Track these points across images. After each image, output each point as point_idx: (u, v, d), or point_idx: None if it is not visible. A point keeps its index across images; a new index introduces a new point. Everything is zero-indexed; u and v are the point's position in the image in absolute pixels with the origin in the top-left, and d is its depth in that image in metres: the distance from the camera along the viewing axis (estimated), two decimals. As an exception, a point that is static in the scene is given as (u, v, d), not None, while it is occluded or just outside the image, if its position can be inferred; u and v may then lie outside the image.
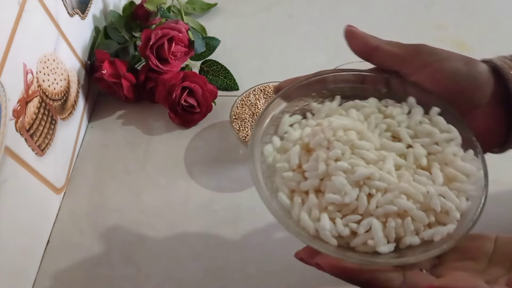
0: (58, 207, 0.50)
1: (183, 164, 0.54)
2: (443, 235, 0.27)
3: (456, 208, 0.28)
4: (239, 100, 0.54)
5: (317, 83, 0.34)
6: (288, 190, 0.30)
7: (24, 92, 0.42)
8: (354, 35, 0.35)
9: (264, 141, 0.32)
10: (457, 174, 0.29)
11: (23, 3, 0.42)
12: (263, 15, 0.71)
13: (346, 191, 0.28)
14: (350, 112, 0.32)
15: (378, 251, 0.27)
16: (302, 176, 0.30)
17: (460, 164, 0.29)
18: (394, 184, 0.28)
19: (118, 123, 0.58)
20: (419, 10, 0.70)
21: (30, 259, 0.45)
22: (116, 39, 0.59)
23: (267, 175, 0.31)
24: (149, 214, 0.49)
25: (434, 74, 0.31)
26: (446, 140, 0.30)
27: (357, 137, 0.30)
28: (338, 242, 0.28)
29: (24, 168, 0.42)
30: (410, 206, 0.27)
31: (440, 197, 0.28)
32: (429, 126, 0.31)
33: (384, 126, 0.32)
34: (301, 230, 0.29)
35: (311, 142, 0.30)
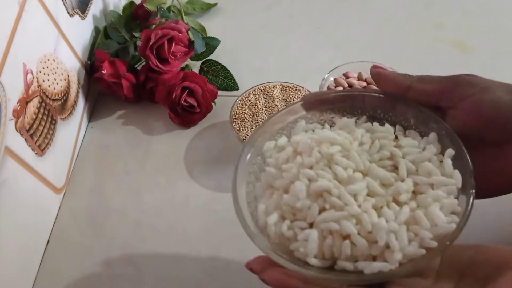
0: (58, 207, 0.50)
1: (183, 164, 0.54)
2: (374, 270, 0.26)
3: (401, 250, 0.27)
4: (239, 100, 0.54)
5: (345, 98, 0.35)
6: (266, 183, 0.32)
7: (24, 92, 0.42)
8: (383, 77, 0.33)
9: (271, 138, 0.34)
10: (422, 218, 0.27)
11: (23, 3, 0.42)
12: (263, 15, 0.71)
13: (301, 197, 0.28)
14: (355, 131, 0.32)
15: (307, 261, 0.28)
16: (281, 175, 0.31)
17: (433, 210, 0.28)
18: (350, 205, 0.28)
19: (118, 123, 0.58)
20: (419, 10, 0.70)
21: (30, 259, 0.45)
22: (116, 39, 0.59)
23: (261, 168, 0.33)
24: (149, 214, 0.49)
25: (474, 106, 0.30)
26: (441, 184, 0.29)
27: (340, 154, 0.30)
28: (283, 243, 0.29)
29: (24, 168, 0.42)
30: (352, 231, 0.27)
31: (391, 233, 0.27)
32: (431, 166, 0.30)
33: (387, 154, 0.31)
34: (253, 221, 0.30)
35: (299, 147, 0.31)
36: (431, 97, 0.32)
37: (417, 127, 0.33)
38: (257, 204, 0.32)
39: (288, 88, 0.55)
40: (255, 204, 0.32)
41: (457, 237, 0.27)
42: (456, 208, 0.28)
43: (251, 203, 0.32)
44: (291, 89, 0.54)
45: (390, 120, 0.34)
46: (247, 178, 0.33)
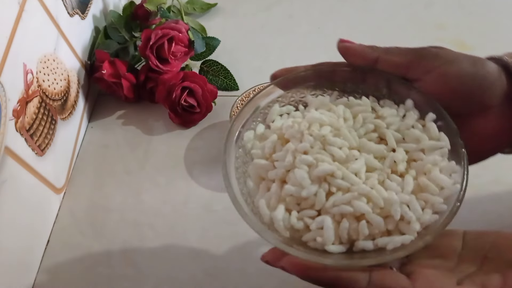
0: (58, 207, 0.50)
1: (183, 164, 0.54)
2: (397, 245, 0.26)
3: (418, 220, 0.27)
4: (239, 100, 0.54)
5: (315, 76, 0.34)
6: (257, 176, 0.31)
7: (24, 92, 0.42)
8: (350, 51, 0.34)
9: (248, 127, 0.33)
10: (429, 184, 0.28)
11: (23, 3, 0.42)
12: (263, 15, 0.71)
13: (305, 185, 0.27)
14: (337, 108, 0.32)
15: (327, 249, 0.27)
16: (272, 165, 0.30)
17: (436, 175, 0.28)
18: (356, 185, 0.27)
19: (118, 123, 0.58)
20: (419, 10, 0.70)
21: (30, 259, 0.45)
22: (116, 39, 0.59)
23: (245, 161, 0.32)
24: (149, 214, 0.49)
25: (440, 78, 0.30)
26: (433, 148, 0.29)
27: (331, 134, 0.29)
28: (293, 236, 0.28)
29: (24, 168, 0.42)
30: (367, 210, 0.27)
31: (403, 205, 0.27)
32: (418, 132, 0.30)
33: (371, 126, 0.31)
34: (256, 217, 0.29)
35: (286, 133, 0.30)
36: (398, 69, 0.32)
37: (390, 96, 0.33)
38: (253, 201, 0.30)
39: (288, 88, 0.55)
40: (252, 201, 0.30)
41: (464, 196, 0.27)
42: (454, 168, 0.28)
43: (247, 201, 0.30)
44: (291, 89, 0.54)
45: (361, 92, 0.33)
46: (236, 174, 0.31)
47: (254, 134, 0.32)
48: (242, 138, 0.32)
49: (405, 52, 0.32)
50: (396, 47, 0.33)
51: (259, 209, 0.29)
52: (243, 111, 0.33)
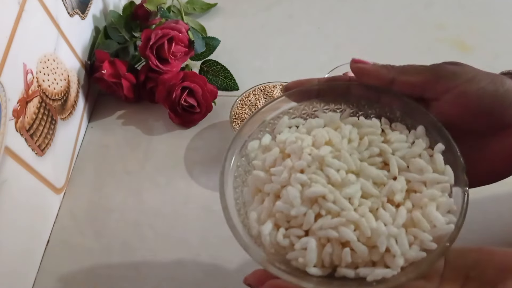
0: (58, 207, 0.50)
1: (183, 164, 0.54)
2: (377, 277, 0.26)
3: (404, 255, 0.26)
4: (239, 100, 0.54)
5: (329, 91, 0.33)
6: (254, 187, 0.30)
7: (24, 92, 0.42)
8: (364, 72, 0.33)
9: (254, 136, 0.33)
10: (421, 220, 0.27)
11: (23, 3, 0.42)
12: (263, 15, 0.71)
13: (295, 204, 0.27)
14: (344, 128, 0.31)
15: (307, 271, 0.27)
16: (270, 178, 0.30)
17: (431, 211, 0.27)
18: (346, 210, 0.27)
19: (118, 123, 0.58)
20: (419, 10, 0.70)
21: (30, 259, 0.45)
22: (116, 39, 0.59)
23: (246, 170, 0.32)
24: (149, 214, 0.49)
25: (459, 98, 0.30)
26: (434, 182, 0.28)
27: (331, 155, 0.29)
28: (278, 252, 0.28)
29: (24, 168, 0.42)
30: (352, 238, 0.26)
31: (391, 238, 0.26)
32: (423, 162, 0.29)
33: (376, 150, 0.30)
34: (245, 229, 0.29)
35: (287, 148, 0.30)
36: (415, 89, 0.31)
37: (403, 120, 0.32)
38: (247, 211, 0.30)
39: (288, 88, 0.55)
40: (245, 211, 0.30)
41: (456, 237, 0.26)
42: (452, 207, 0.27)
43: (240, 211, 0.30)
44: (291, 89, 0.54)
45: (375, 112, 0.33)
46: (234, 183, 0.31)
47: (259, 144, 0.32)
48: (246, 147, 0.32)
49: (421, 70, 0.31)
50: (412, 66, 0.32)
51: (249, 221, 0.29)
52: (251, 120, 0.33)
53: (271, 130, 0.33)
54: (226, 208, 0.29)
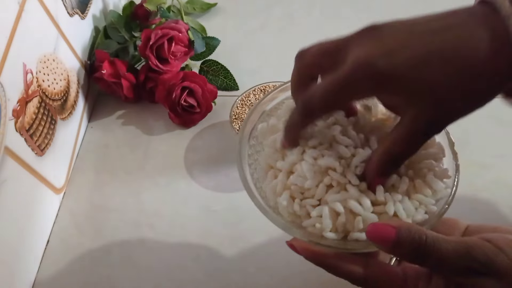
0: (58, 207, 0.50)
1: (183, 164, 0.54)
2: None
3: (411, 218, 0.29)
4: (239, 100, 0.54)
5: None
6: (266, 164, 0.33)
7: (24, 92, 0.42)
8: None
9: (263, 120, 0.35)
10: (424, 186, 0.30)
11: (23, 3, 0.42)
12: (263, 15, 0.71)
13: (308, 177, 0.30)
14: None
15: (324, 235, 0.29)
16: (282, 156, 0.32)
17: (431, 178, 0.30)
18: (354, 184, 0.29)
19: (118, 123, 0.58)
20: (419, 10, 0.70)
21: (30, 259, 0.45)
22: (116, 39, 0.59)
23: (258, 150, 0.34)
24: (149, 214, 0.49)
25: None
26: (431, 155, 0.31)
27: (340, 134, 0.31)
28: (295, 220, 0.31)
29: (24, 168, 0.42)
30: (360, 211, 0.29)
31: (397, 203, 0.29)
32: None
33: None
34: (264, 201, 0.32)
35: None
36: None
37: None
38: (262, 186, 0.33)
39: (288, 88, 0.55)
40: (261, 186, 0.33)
41: (452, 200, 0.30)
42: (447, 174, 0.31)
43: (256, 185, 0.33)
44: (291, 89, 0.54)
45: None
46: (248, 161, 0.34)
47: (267, 126, 0.34)
48: (256, 128, 0.35)
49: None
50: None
51: (266, 194, 0.32)
52: (261, 103, 0.36)
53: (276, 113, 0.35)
54: (245, 180, 0.32)
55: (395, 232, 0.26)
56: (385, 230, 0.26)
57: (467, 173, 0.50)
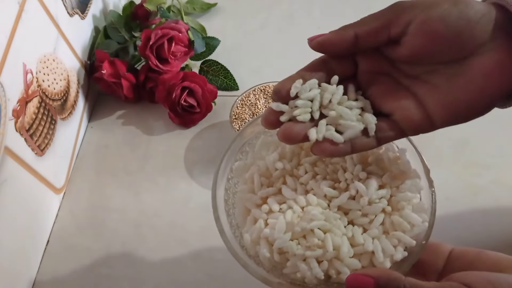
0: (58, 207, 0.50)
1: (183, 164, 0.54)
2: None
3: (388, 257, 0.29)
4: (239, 100, 0.54)
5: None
6: (244, 209, 0.33)
7: (24, 92, 0.42)
8: (327, 44, 0.33)
9: (237, 158, 0.35)
10: (402, 222, 0.29)
11: (23, 3, 0.42)
12: (263, 15, 0.71)
13: (277, 236, 0.29)
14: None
15: (306, 281, 0.29)
16: (258, 198, 0.32)
17: (408, 213, 0.30)
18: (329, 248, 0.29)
19: (118, 123, 0.58)
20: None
21: (30, 259, 0.45)
22: (116, 39, 0.59)
23: (234, 191, 0.34)
24: (149, 214, 0.49)
25: (423, 26, 0.28)
26: (409, 187, 0.31)
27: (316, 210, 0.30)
28: (276, 267, 0.31)
29: (24, 168, 0.42)
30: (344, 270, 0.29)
31: (376, 242, 0.29)
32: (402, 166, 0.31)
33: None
34: (243, 250, 0.32)
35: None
36: (379, 34, 0.30)
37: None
38: (241, 232, 0.32)
39: (288, 88, 0.55)
40: (240, 232, 0.33)
41: (430, 234, 0.29)
42: (424, 206, 0.30)
43: (235, 233, 0.33)
44: (291, 89, 0.54)
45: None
46: (225, 207, 0.34)
47: (244, 165, 0.34)
48: (231, 169, 0.34)
49: (379, 15, 0.30)
50: (369, 15, 0.31)
51: (245, 242, 0.31)
52: (235, 142, 0.35)
53: (252, 149, 0.35)
54: (223, 231, 0.32)
55: (373, 282, 0.26)
56: (363, 281, 0.26)
57: (467, 173, 0.50)
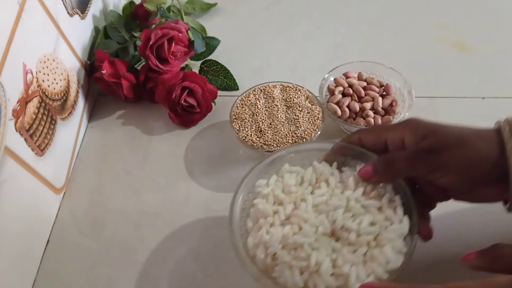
0: (58, 207, 0.50)
1: (183, 164, 0.54)
2: None
3: (359, 282, 0.35)
4: (239, 100, 0.54)
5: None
6: (255, 218, 0.40)
7: (24, 92, 0.42)
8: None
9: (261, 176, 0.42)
10: (378, 256, 0.35)
11: (23, 3, 0.42)
12: (263, 15, 0.71)
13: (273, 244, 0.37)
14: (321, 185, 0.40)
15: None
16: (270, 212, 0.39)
17: (386, 251, 0.35)
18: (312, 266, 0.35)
19: (118, 123, 0.58)
20: (419, 10, 0.70)
21: (30, 259, 0.45)
22: (116, 39, 0.59)
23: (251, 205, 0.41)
24: (149, 214, 0.49)
25: (464, 169, 0.35)
26: (395, 231, 0.36)
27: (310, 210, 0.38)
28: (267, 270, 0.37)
29: (24, 168, 0.42)
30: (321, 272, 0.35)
31: (354, 267, 0.35)
32: (391, 212, 0.37)
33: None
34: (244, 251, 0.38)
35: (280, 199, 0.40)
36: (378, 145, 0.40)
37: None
38: (247, 236, 0.39)
39: (288, 88, 0.55)
40: (246, 237, 0.40)
41: (401, 271, 0.35)
42: (403, 249, 0.36)
43: (243, 235, 0.40)
44: (291, 89, 0.54)
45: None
46: (241, 213, 0.41)
47: (267, 183, 0.41)
48: (254, 184, 0.42)
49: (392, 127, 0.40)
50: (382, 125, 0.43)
51: (248, 244, 0.39)
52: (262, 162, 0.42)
53: (276, 171, 0.43)
54: (233, 232, 0.39)
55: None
56: None
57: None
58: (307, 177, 0.41)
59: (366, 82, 0.54)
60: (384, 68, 0.55)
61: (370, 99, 0.53)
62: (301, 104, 0.53)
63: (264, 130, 0.51)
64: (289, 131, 0.51)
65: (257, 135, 0.51)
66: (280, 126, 0.51)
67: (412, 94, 0.52)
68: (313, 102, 0.53)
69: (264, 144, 0.50)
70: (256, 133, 0.51)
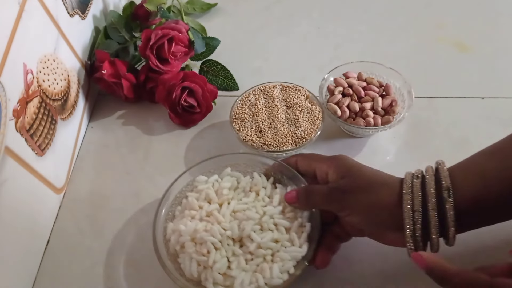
0: (58, 207, 0.50)
1: (183, 164, 0.54)
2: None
3: (244, 286, 0.40)
4: (239, 100, 0.54)
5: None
6: (183, 208, 0.45)
7: (24, 92, 0.42)
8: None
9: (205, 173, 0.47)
10: (266, 270, 0.39)
11: (23, 3, 0.42)
12: (263, 15, 0.71)
13: (183, 234, 0.42)
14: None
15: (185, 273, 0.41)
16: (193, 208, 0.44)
17: (274, 267, 0.40)
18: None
19: (118, 123, 0.58)
20: (419, 10, 0.70)
21: (30, 259, 0.45)
22: (116, 39, 0.59)
23: (191, 188, 0.47)
24: (149, 214, 0.49)
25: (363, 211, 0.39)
26: (293, 253, 0.40)
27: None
28: (176, 255, 0.42)
29: (24, 168, 0.42)
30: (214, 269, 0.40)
31: (242, 273, 0.40)
32: (296, 238, 0.41)
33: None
34: (162, 234, 0.43)
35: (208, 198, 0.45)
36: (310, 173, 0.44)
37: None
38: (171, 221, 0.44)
39: (288, 88, 0.55)
40: (171, 221, 0.44)
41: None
42: (291, 270, 0.40)
43: (168, 219, 0.45)
44: (291, 89, 0.54)
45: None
46: (177, 197, 0.46)
47: (206, 181, 0.47)
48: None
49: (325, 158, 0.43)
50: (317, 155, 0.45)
51: (167, 229, 0.43)
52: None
53: (218, 173, 0.47)
54: (158, 213, 0.44)
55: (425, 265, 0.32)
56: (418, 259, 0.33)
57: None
58: (243, 184, 0.46)
59: (366, 82, 0.54)
60: (384, 68, 0.55)
61: (370, 99, 0.53)
62: (301, 104, 0.53)
63: (264, 130, 0.51)
64: (289, 131, 0.51)
65: (257, 135, 0.51)
66: (280, 126, 0.51)
67: (411, 94, 0.52)
68: (313, 102, 0.53)
69: (264, 144, 0.50)
70: (256, 133, 0.51)
